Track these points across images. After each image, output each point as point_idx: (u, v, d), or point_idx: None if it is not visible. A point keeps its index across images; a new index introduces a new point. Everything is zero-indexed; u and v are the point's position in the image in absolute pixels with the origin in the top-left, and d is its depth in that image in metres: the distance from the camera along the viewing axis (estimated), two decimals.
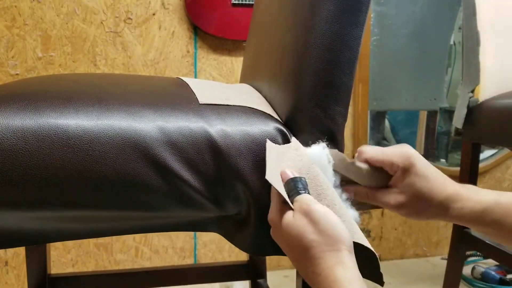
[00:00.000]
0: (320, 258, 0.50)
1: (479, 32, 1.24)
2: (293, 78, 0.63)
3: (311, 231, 0.51)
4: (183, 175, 0.57)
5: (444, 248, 2.06)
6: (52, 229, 0.59)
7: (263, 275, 1.07)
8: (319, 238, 0.51)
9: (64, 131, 0.54)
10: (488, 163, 2.07)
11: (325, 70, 0.60)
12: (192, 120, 0.59)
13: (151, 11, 1.61)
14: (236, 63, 1.72)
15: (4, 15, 1.50)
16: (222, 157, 0.58)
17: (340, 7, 0.58)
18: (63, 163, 0.54)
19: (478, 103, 1.23)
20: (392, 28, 1.89)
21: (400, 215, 0.65)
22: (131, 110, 0.58)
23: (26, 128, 0.54)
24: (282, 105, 0.65)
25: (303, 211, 0.52)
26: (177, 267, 1.02)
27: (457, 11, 1.91)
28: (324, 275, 0.50)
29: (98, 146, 0.55)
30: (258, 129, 0.60)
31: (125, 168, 0.55)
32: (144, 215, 0.59)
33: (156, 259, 1.75)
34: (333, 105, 0.62)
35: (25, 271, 1.64)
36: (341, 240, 0.51)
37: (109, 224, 0.61)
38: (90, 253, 1.69)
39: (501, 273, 1.75)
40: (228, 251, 1.82)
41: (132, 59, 1.62)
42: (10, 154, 0.53)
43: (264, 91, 0.74)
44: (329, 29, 0.59)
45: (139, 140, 0.56)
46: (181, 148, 0.57)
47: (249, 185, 0.59)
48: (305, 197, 0.54)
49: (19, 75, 1.53)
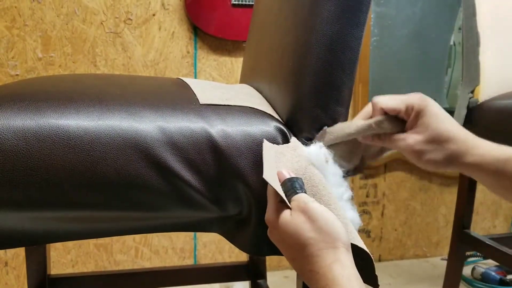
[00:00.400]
0: (318, 256, 0.50)
1: (479, 33, 1.24)
2: (294, 78, 0.63)
3: (309, 229, 0.51)
4: (183, 175, 0.57)
5: (444, 248, 2.06)
6: (53, 230, 0.59)
7: (263, 275, 1.07)
8: (317, 236, 0.51)
9: (65, 132, 0.54)
10: None
11: (325, 70, 0.60)
12: (192, 121, 0.59)
13: (151, 11, 1.61)
14: (236, 63, 1.72)
15: (4, 15, 1.50)
16: (223, 157, 0.58)
17: (341, 8, 0.58)
18: (64, 164, 0.54)
19: (478, 104, 1.23)
20: (392, 28, 1.89)
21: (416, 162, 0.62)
22: (132, 110, 0.58)
23: (27, 128, 0.54)
24: (283, 105, 0.65)
25: (300, 209, 0.52)
26: (177, 268, 1.02)
27: (457, 12, 1.91)
28: (322, 273, 0.50)
29: (99, 146, 0.55)
30: (259, 129, 0.60)
31: (126, 169, 0.55)
32: (144, 215, 0.59)
33: (156, 259, 1.75)
34: (334, 105, 0.62)
35: (25, 272, 1.64)
36: (338, 238, 0.51)
37: (110, 224, 0.61)
38: (90, 254, 1.69)
39: (501, 273, 1.75)
40: (228, 252, 1.82)
41: (132, 59, 1.62)
42: (11, 155, 0.53)
43: (264, 92, 0.74)
44: (330, 30, 0.59)
45: (140, 141, 0.56)
46: (181, 148, 0.57)
47: (249, 185, 0.59)
48: (303, 196, 0.54)
49: (19, 75, 1.53)
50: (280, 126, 0.62)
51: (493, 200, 2.11)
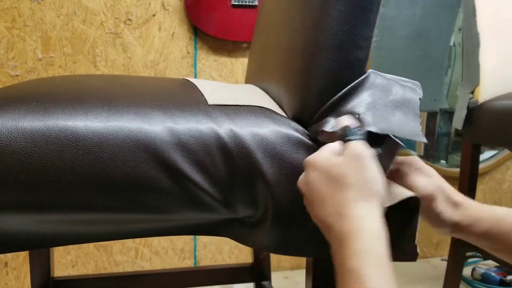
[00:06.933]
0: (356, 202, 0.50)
1: (479, 34, 1.24)
2: (302, 78, 0.63)
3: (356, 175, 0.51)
4: (193, 177, 0.56)
5: (444, 249, 2.06)
6: (61, 233, 0.59)
7: (268, 277, 1.06)
8: (362, 184, 0.51)
9: (73, 133, 0.54)
10: (488, 164, 2.07)
11: (335, 70, 0.59)
12: (201, 122, 0.58)
13: (151, 12, 1.61)
14: (236, 64, 1.71)
15: (4, 16, 1.49)
16: (232, 158, 0.58)
17: (351, 7, 0.58)
18: (73, 165, 0.53)
19: (478, 104, 1.23)
20: (392, 29, 1.89)
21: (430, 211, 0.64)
22: (141, 111, 0.58)
23: (35, 130, 0.53)
24: (291, 105, 0.65)
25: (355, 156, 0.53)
26: (181, 270, 1.02)
27: (457, 13, 1.91)
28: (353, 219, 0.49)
29: (108, 148, 0.54)
30: (268, 129, 0.60)
31: (135, 171, 0.55)
32: (153, 217, 0.59)
33: (156, 260, 1.75)
34: None
35: (25, 272, 1.63)
36: (379, 195, 0.51)
37: (118, 227, 0.60)
38: (90, 254, 1.68)
39: (501, 274, 1.75)
40: (228, 252, 1.82)
41: (132, 60, 1.61)
42: (20, 156, 0.52)
43: (271, 92, 0.73)
44: (340, 29, 0.58)
45: (149, 142, 0.55)
46: (191, 149, 0.57)
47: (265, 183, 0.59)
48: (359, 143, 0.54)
49: (19, 76, 1.52)
50: (291, 125, 0.61)
51: (493, 201, 2.11)
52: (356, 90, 0.59)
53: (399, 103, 0.59)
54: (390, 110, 0.58)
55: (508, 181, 2.12)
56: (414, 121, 0.59)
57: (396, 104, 0.59)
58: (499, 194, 2.12)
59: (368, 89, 0.59)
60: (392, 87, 0.60)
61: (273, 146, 0.59)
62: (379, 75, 0.60)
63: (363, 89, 0.59)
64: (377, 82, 0.60)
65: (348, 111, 0.59)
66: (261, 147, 0.58)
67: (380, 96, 0.59)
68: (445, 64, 1.97)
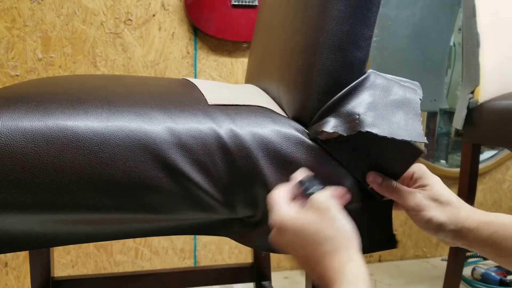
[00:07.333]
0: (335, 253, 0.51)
1: (479, 33, 1.24)
2: (302, 78, 0.63)
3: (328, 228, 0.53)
4: (193, 177, 0.56)
5: (444, 249, 2.06)
6: (62, 232, 0.58)
7: (268, 277, 1.06)
8: (335, 235, 0.52)
9: (73, 133, 0.54)
10: (488, 164, 2.07)
11: (335, 70, 0.59)
12: (201, 121, 0.58)
13: (151, 12, 1.61)
14: (236, 64, 1.71)
15: (4, 16, 1.49)
16: (233, 158, 0.58)
17: (351, 7, 0.58)
18: (73, 165, 0.53)
19: (478, 104, 1.23)
20: (392, 29, 1.89)
21: (419, 218, 0.65)
22: (141, 111, 0.58)
23: (35, 129, 0.53)
24: (291, 105, 0.65)
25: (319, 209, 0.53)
26: (181, 270, 1.01)
27: (457, 12, 1.91)
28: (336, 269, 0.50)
29: (108, 148, 0.54)
30: (268, 129, 0.60)
31: (135, 171, 0.55)
32: (154, 217, 0.59)
33: (156, 260, 1.75)
34: None
35: (25, 272, 1.63)
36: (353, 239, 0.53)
37: (119, 227, 0.60)
38: (89, 254, 1.68)
39: (501, 274, 1.75)
40: (228, 252, 1.82)
41: (132, 60, 1.61)
42: (20, 156, 0.52)
43: (271, 92, 0.73)
44: (340, 29, 0.58)
45: (149, 142, 0.55)
46: (191, 149, 0.57)
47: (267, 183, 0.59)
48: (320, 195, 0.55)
49: (19, 76, 1.52)
50: (291, 124, 0.61)
51: (493, 201, 2.11)
52: (356, 90, 0.59)
53: (399, 103, 0.59)
54: (391, 110, 0.58)
55: (508, 181, 2.12)
56: (416, 122, 0.59)
57: (396, 104, 0.59)
58: (499, 194, 2.12)
59: (368, 89, 0.59)
60: (392, 87, 0.60)
61: (273, 146, 0.59)
62: (379, 75, 0.60)
63: (363, 89, 0.59)
64: (377, 82, 0.60)
65: (349, 111, 0.59)
66: (261, 147, 0.58)
67: (380, 96, 0.59)
68: (445, 64, 1.97)
